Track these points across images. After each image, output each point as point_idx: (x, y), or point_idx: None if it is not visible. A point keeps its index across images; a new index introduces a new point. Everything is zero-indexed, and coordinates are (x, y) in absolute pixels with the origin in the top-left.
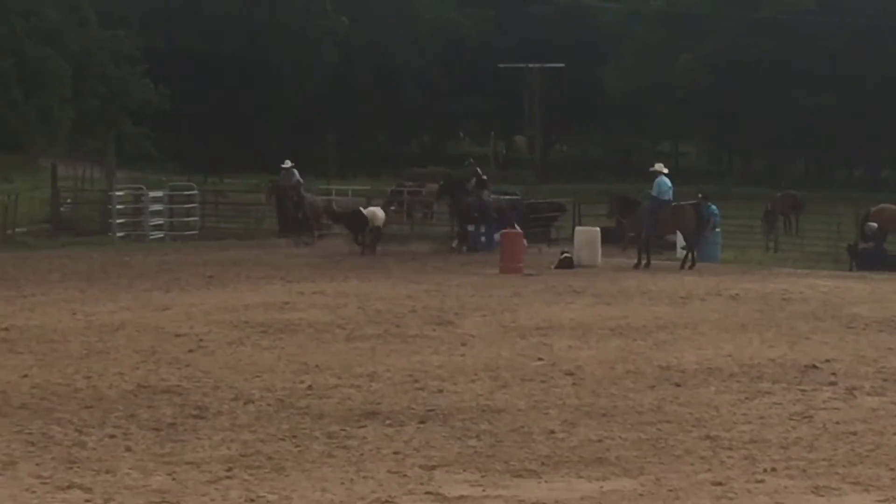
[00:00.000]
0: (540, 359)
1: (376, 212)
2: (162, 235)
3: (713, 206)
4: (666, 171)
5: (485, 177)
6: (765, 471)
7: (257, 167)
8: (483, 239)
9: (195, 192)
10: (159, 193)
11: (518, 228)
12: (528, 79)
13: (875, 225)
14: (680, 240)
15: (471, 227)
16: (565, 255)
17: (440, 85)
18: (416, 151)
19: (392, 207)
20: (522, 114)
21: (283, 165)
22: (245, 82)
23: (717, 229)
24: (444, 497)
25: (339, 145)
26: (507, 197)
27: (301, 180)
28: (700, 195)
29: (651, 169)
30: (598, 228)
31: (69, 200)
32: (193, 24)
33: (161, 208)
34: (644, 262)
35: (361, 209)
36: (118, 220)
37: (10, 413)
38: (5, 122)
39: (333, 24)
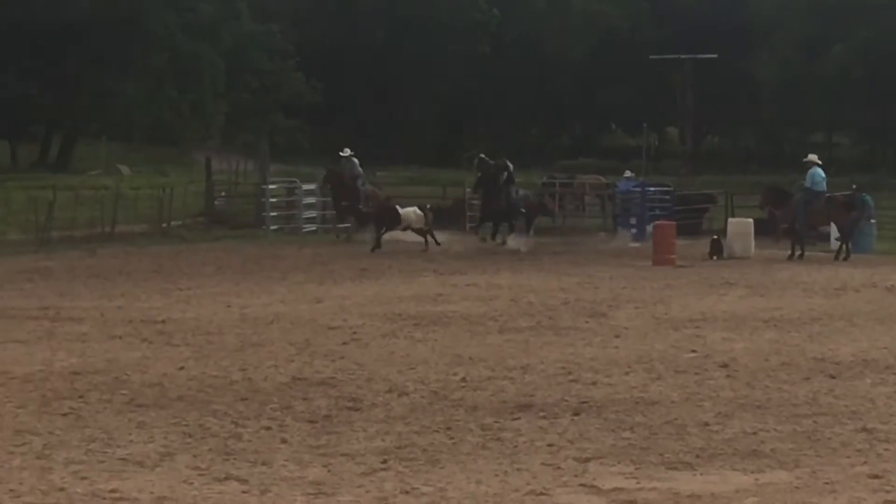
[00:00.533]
0: (693, 351)
1: (411, 214)
2: (315, 228)
3: (867, 197)
4: (819, 162)
5: (511, 169)
6: None
7: (408, 160)
8: (634, 231)
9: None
10: (312, 186)
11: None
12: (680, 70)
13: None
14: (834, 231)
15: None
16: (715, 238)
17: (592, 76)
18: (567, 143)
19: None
20: (674, 105)
21: (342, 153)
22: (396, 75)
23: (873, 220)
24: (599, 489)
25: (490, 137)
26: (659, 188)
27: (361, 171)
28: (854, 186)
29: (804, 160)
30: (751, 220)
31: (223, 194)
32: (345, 17)
33: (314, 201)
34: (798, 253)
35: (397, 206)
36: (272, 213)
37: (168, 405)
38: (160, 117)
39: (485, 16)
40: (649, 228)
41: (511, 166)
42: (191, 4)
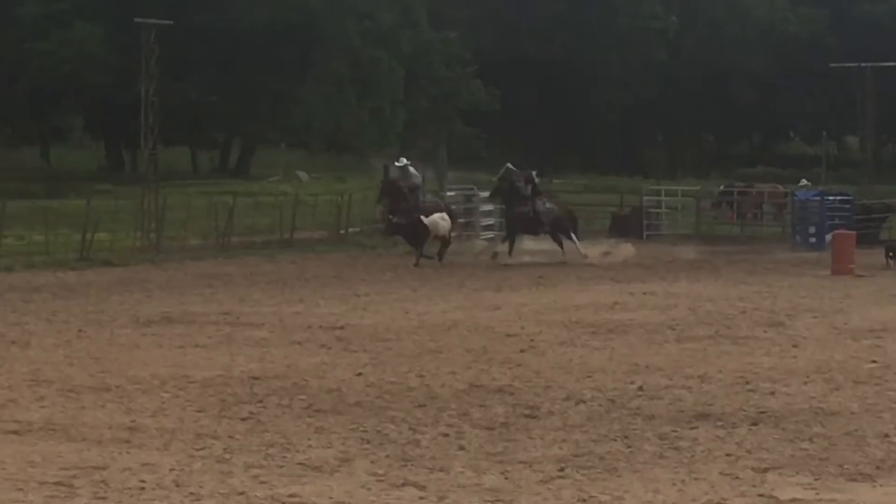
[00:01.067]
0: (873, 361)
1: (438, 221)
2: (493, 235)
3: None
4: None
5: (537, 180)
6: None
7: (585, 167)
8: (813, 240)
9: None
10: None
11: (574, 238)
12: (860, 78)
13: None
14: None
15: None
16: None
17: (770, 84)
18: (745, 152)
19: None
20: (854, 113)
21: (397, 163)
22: (573, 83)
23: None
24: (777, 500)
25: (667, 145)
26: (839, 197)
27: (419, 182)
28: None
29: None
30: None
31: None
32: (523, 24)
33: (491, 208)
34: None
35: (423, 218)
36: None
37: (346, 410)
38: (339, 123)
39: (663, 23)
40: (828, 237)
41: (536, 178)
42: (370, 12)
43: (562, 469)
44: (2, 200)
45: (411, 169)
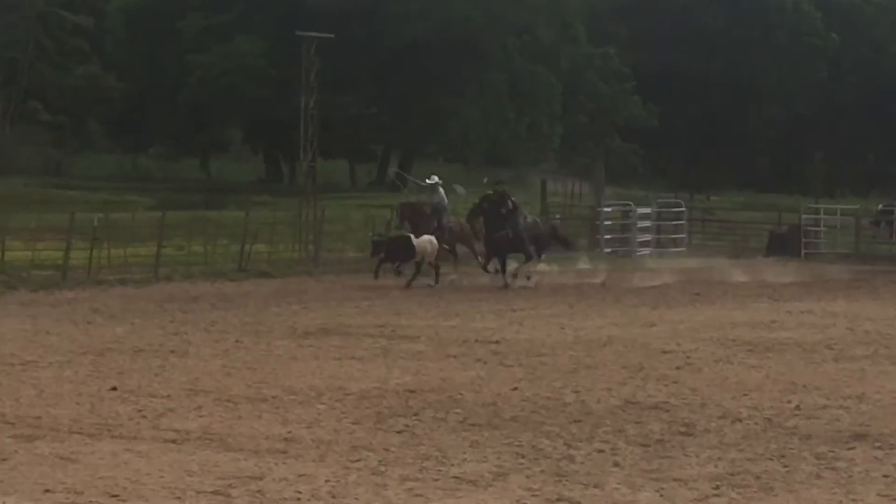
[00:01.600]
0: None
1: (426, 246)
2: (648, 252)
3: None
4: None
5: (514, 199)
6: None
7: (743, 185)
8: None
9: (682, 209)
10: (647, 210)
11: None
12: None
13: None
14: None
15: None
16: None
17: None
18: None
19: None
20: None
21: (428, 180)
22: (732, 99)
23: None
24: None
25: (827, 163)
26: None
27: (446, 204)
28: None
29: None
30: None
31: (558, 216)
32: (683, 40)
33: (648, 225)
34: None
35: (411, 236)
36: (606, 236)
37: (501, 425)
38: (496, 138)
39: (824, 41)
40: None
41: (511, 197)
42: (529, 27)
43: (717, 487)
44: (162, 211)
45: (441, 190)
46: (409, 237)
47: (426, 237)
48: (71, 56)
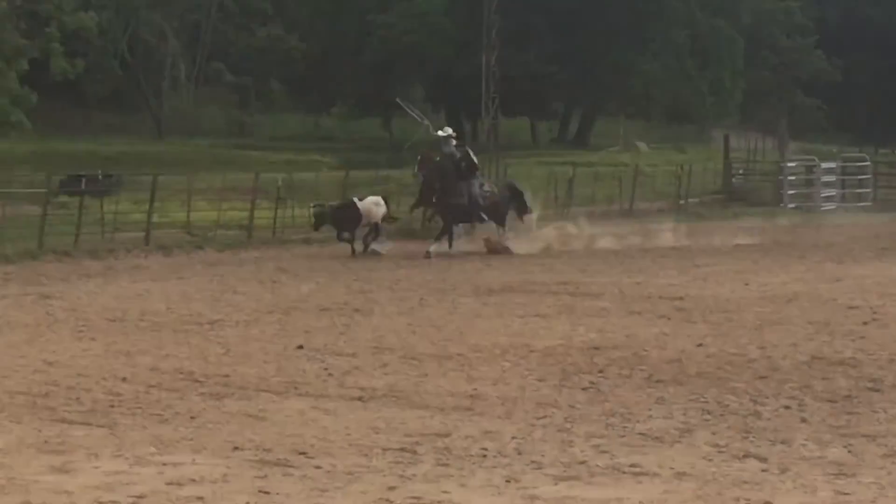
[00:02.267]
0: None
1: (371, 207)
2: (834, 207)
3: None
4: None
5: (475, 159)
6: None
7: None
8: None
9: (867, 163)
10: (832, 165)
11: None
12: None
13: None
14: None
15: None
16: None
17: None
18: None
19: None
20: None
21: (441, 132)
22: None
23: None
24: None
25: None
26: None
27: (473, 161)
28: None
29: None
30: None
31: (741, 171)
32: None
33: (833, 180)
34: None
35: (356, 200)
36: (790, 192)
37: (686, 381)
38: (679, 94)
39: None
40: None
41: (471, 153)
42: None
43: None
44: (346, 170)
45: (451, 142)
46: (353, 201)
47: (371, 198)
48: (254, 17)
